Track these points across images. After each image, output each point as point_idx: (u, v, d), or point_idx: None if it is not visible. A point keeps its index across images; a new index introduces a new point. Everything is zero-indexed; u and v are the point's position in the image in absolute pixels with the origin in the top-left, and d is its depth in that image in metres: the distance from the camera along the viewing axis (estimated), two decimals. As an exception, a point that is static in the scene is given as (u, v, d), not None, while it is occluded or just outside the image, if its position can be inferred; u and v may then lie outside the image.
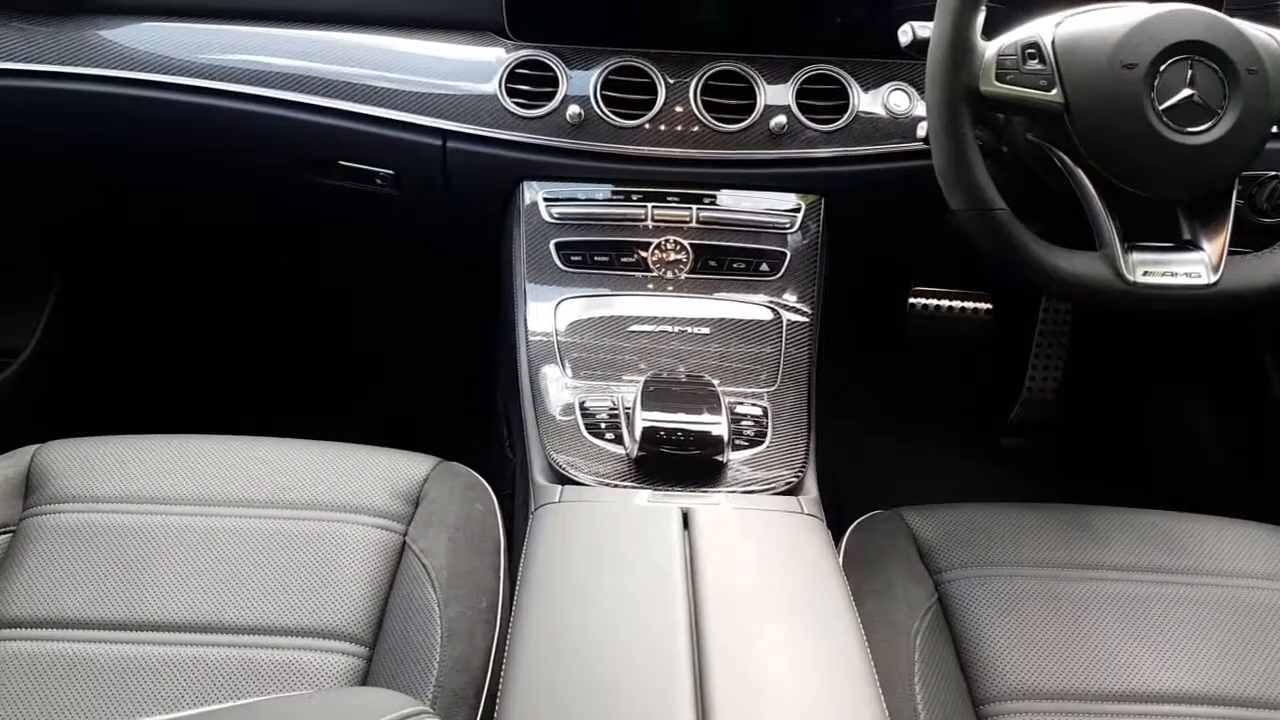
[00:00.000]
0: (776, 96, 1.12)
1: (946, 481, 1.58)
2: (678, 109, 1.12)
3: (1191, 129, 0.87)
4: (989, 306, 1.74)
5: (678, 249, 1.11)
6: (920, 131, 1.11)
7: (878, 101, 1.14)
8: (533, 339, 1.06)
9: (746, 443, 0.95)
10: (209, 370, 1.71)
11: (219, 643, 0.82)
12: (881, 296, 1.76)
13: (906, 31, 0.95)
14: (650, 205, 1.12)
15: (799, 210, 1.13)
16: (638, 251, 1.11)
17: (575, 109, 1.11)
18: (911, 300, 1.74)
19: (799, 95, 1.13)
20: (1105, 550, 0.94)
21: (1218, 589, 0.91)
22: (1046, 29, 0.90)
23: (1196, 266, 0.89)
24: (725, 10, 1.14)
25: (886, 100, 1.14)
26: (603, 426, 0.96)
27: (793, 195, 1.14)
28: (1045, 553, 0.93)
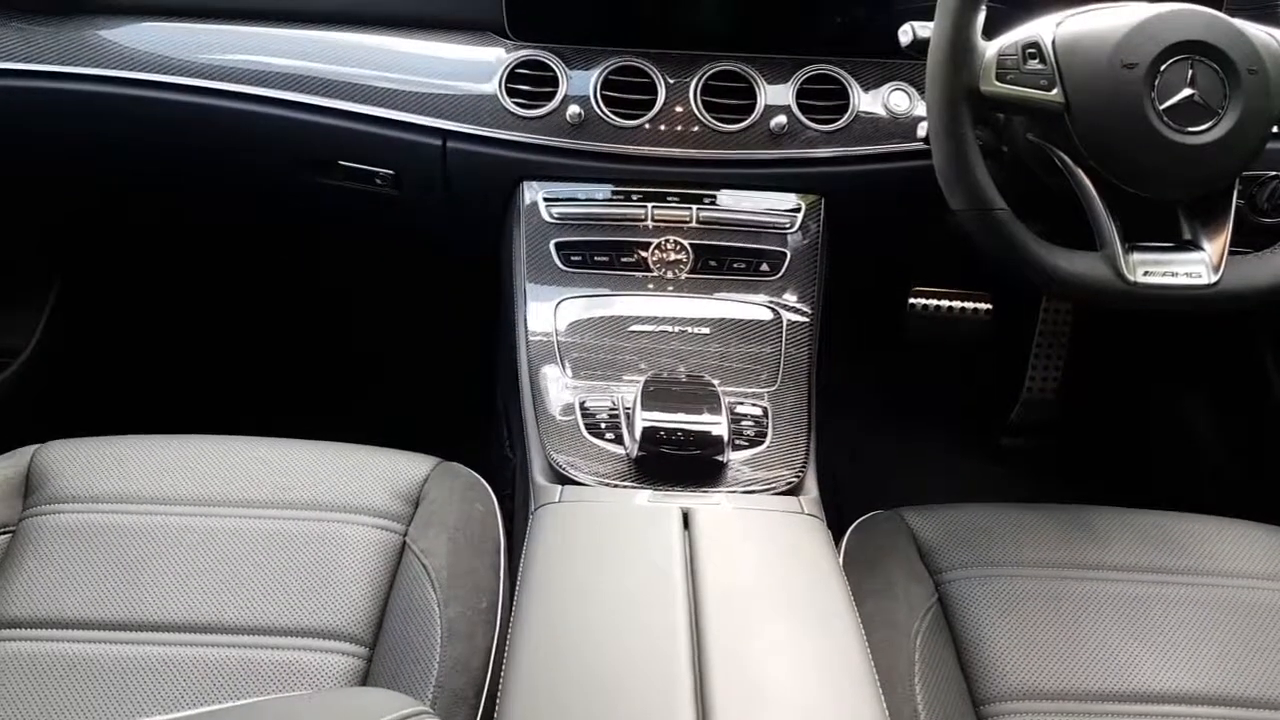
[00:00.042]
0: (776, 96, 1.12)
1: (947, 481, 1.58)
2: (678, 109, 1.12)
3: (1192, 129, 0.87)
4: (989, 307, 1.74)
5: (678, 249, 1.11)
6: (920, 131, 1.11)
7: (878, 101, 1.14)
8: (533, 339, 1.06)
9: (747, 443, 0.95)
10: (209, 370, 1.71)
11: (219, 643, 0.82)
12: (882, 296, 1.76)
13: (907, 31, 0.95)
14: (650, 205, 1.12)
15: (799, 210, 1.13)
16: (638, 251, 1.11)
17: (575, 109, 1.11)
18: (912, 300, 1.74)
19: (799, 95, 1.13)
20: (1105, 550, 0.94)
21: (1218, 589, 0.91)
22: (1047, 29, 0.90)
23: (1197, 266, 0.89)
24: (725, 10, 1.14)
25: (887, 100, 1.14)
26: (603, 426, 0.96)
27: (793, 195, 1.14)
28: (1045, 553, 0.93)
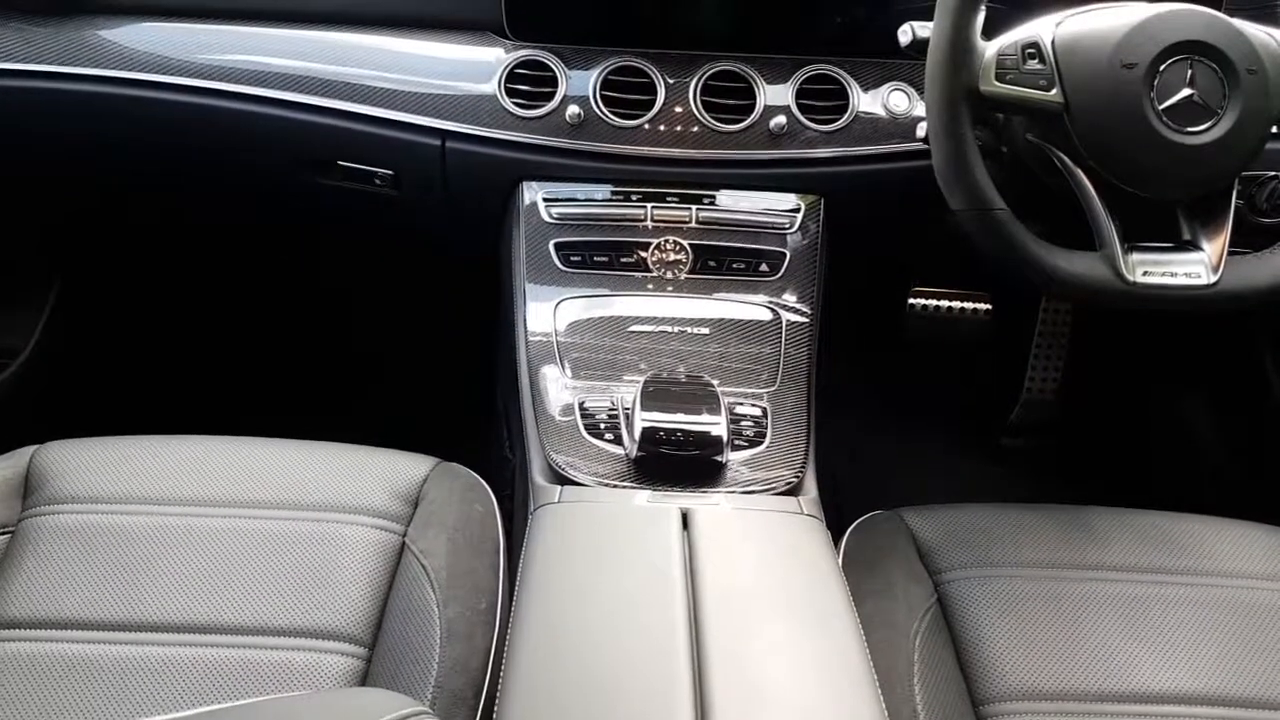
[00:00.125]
0: (776, 96, 1.12)
1: (946, 482, 1.58)
2: (677, 109, 1.12)
3: (1191, 129, 0.87)
4: (989, 307, 1.74)
5: (677, 249, 1.11)
6: (920, 131, 1.11)
7: (877, 102, 1.14)
8: (532, 339, 1.06)
9: (746, 443, 0.95)
10: (209, 370, 1.71)
11: (218, 643, 0.82)
12: (881, 297, 1.76)
13: (906, 31, 0.95)
14: (650, 205, 1.12)
15: (799, 210, 1.13)
16: (637, 252, 1.11)
17: (574, 109, 1.11)
18: (911, 300, 1.74)
19: (799, 95, 1.12)
20: (1105, 551, 0.94)
21: (1217, 589, 0.91)
22: (1046, 29, 0.90)
23: (1196, 267, 0.89)
24: (725, 10, 1.14)
25: (886, 100, 1.14)
26: (602, 427, 0.96)
27: (792, 195, 1.14)
28: (1045, 553, 0.93)
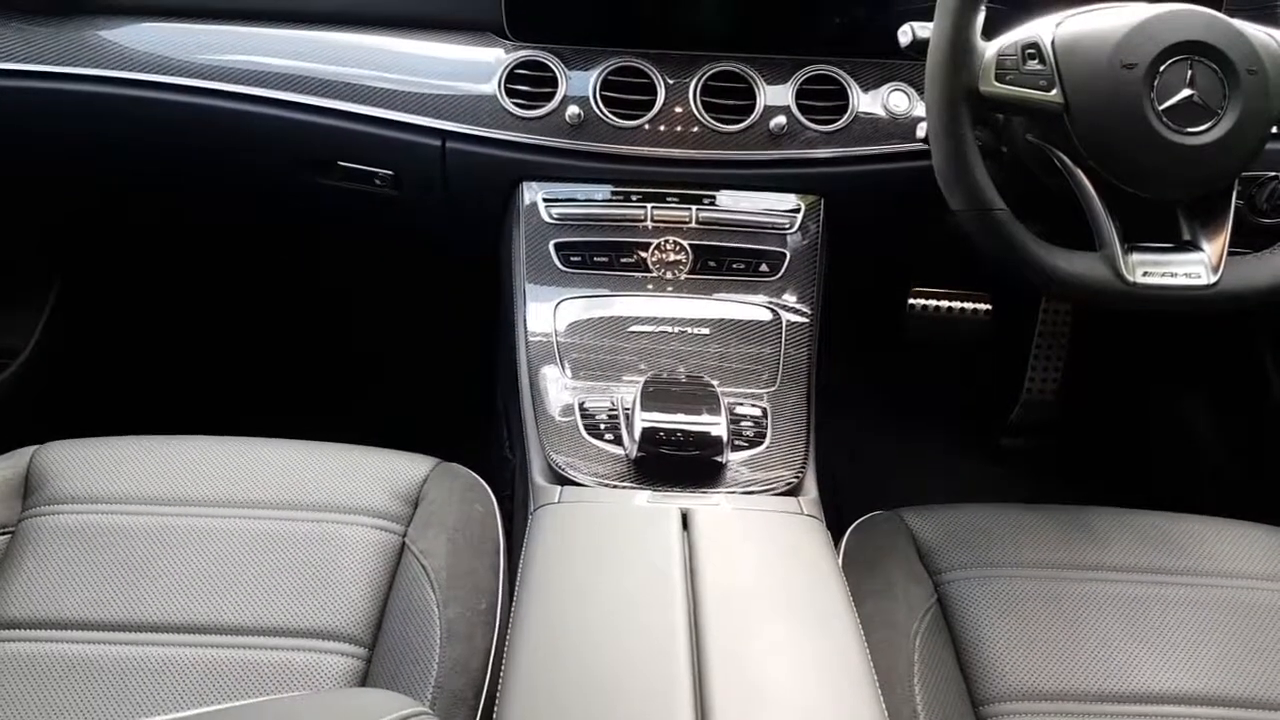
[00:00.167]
0: (776, 97, 1.12)
1: (946, 482, 1.58)
2: (677, 109, 1.12)
3: (1191, 129, 0.87)
4: (989, 307, 1.74)
5: (677, 249, 1.11)
6: (920, 132, 1.11)
7: (877, 102, 1.14)
8: (532, 339, 1.06)
9: (746, 443, 0.95)
10: (209, 370, 1.71)
11: (218, 644, 0.82)
12: (881, 297, 1.76)
13: (906, 32, 0.95)
14: (650, 206, 1.12)
15: (798, 211, 1.13)
16: (637, 252, 1.11)
17: (574, 109, 1.11)
18: (911, 301, 1.74)
19: (799, 96, 1.12)
20: (1105, 551, 0.94)
21: (1217, 590, 0.91)
22: (1046, 29, 0.90)
23: (1196, 267, 0.89)
24: (725, 10, 1.14)
25: (886, 101, 1.14)
26: (602, 427, 0.96)
27: (792, 196, 1.14)
28: (1045, 553, 0.93)
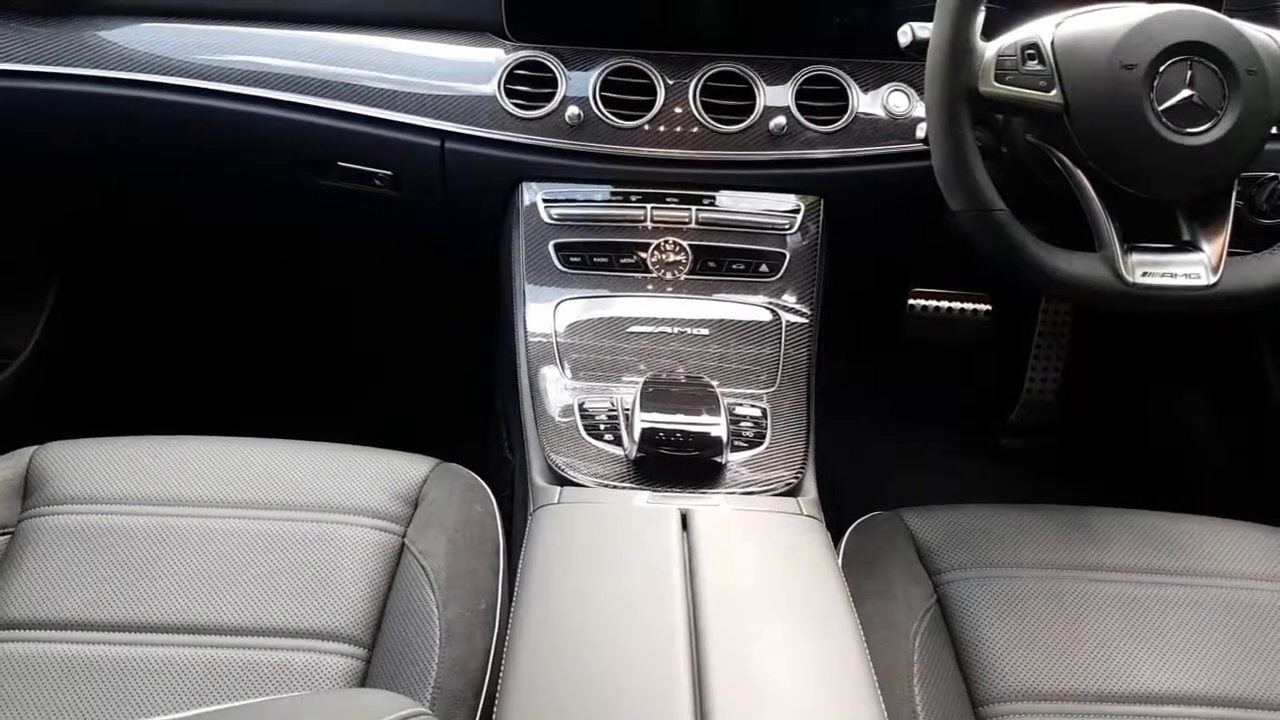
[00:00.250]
0: (776, 97, 1.12)
1: (946, 482, 1.58)
2: (677, 110, 1.12)
3: (1191, 130, 0.87)
4: (988, 308, 1.74)
5: (677, 250, 1.11)
6: (920, 132, 1.11)
7: (877, 102, 1.14)
8: (532, 340, 1.06)
9: (745, 444, 0.95)
10: (209, 371, 1.71)
11: (217, 644, 0.82)
12: (881, 297, 1.76)
13: (906, 32, 0.95)
14: (649, 206, 1.12)
15: (798, 211, 1.13)
16: (637, 253, 1.11)
17: (574, 110, 1.11)
18: (911, 301, 1.74)
19: (798, 96, 1.12)
20: (1104, 551, 0.94)
21: (1217, 590, 0.91)
22: (1046, 29, 0.90)
23: (1196, 268, 0.89)
24: (725, 11, 1.14)
25: (886, 101, 1.14)
26: (602, 428, 0.96)
27: (792, 196, 1.13)
28: (1044, 554, 0.93)
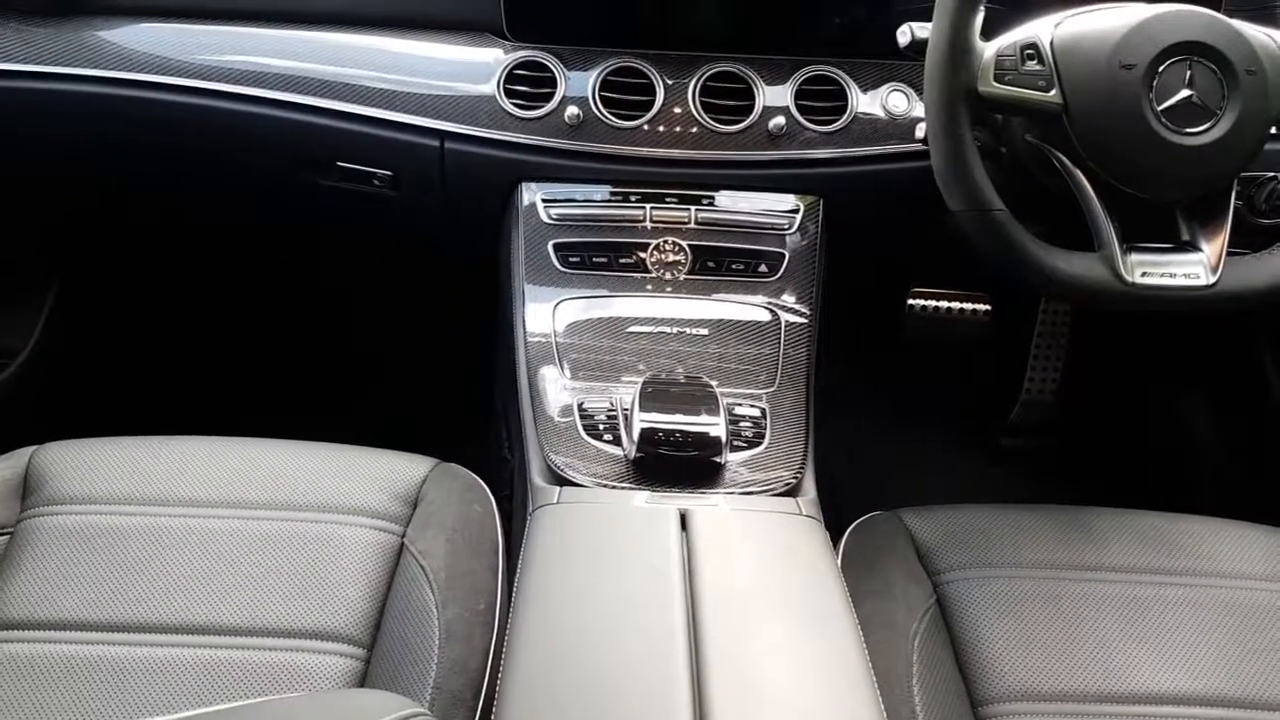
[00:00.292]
0: (775, 97, 1.12)
1: (945, 482, 1.58)
2: (676, 110, 1.12)
3: (1190, 130, 0.87)
4: (988, 307, 1.74)
5: (676, 250, 1.11)
6: (919, 132, 1.11)
7: (876, 102, 1.14)
8: (531, 340, 1.06)
9: (745, 444, 0.95)
10: (208, 371, 1.71)
11: (216, 644, 0.82)
12: (880, 297, 1.76)
13: (905, 32, 0.95)
14: (649, 206, 1.12)
15: (797, 211, 1.13)
16: (636, 253, 1.11)
17: (574, 110, 1.11)
18: (910, 301, 1.74)
19: (798, 96, 1.12)
20: (1104, 551, 0.94)
21: (1216, 590, 0.91)
22: (1045, 30, 0.90)
23: (1195, 267, 0.89)
24: (724, 11, 1.14)
25: (885, 101, 1.14)
26: (601, 428, 0.96)
27: (791, 196, 1.13)
28: (1044, 554, 0.93)
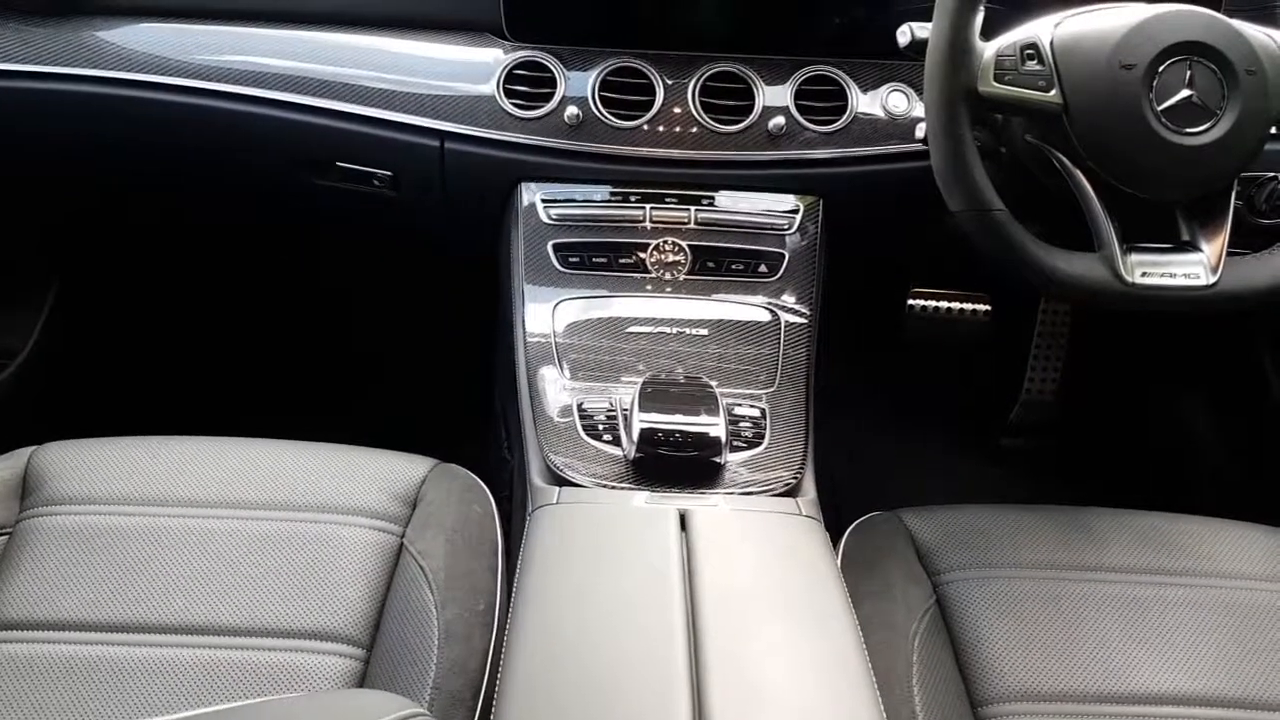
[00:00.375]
0: (775, 97, 1.12)
1: (945, 482, 1.58)
2: (676, 110, 1.12)
3: (1190, 130, 0.87)
4: (988, 308, 1.74)
5: (676, 250, 1.11)
6: (919, 132, 1.11)
7: (876, 102, 1.14)
8: (531, 340, 1.06)
9: (744, 444, 0.95)
10: (208, 371, 1.71)
11: (216, 644, 0.82)
12: (880, 297, 1.76)
13: (905, 32, 0.95)
14: (648, 206, 1.12)
15: (797, 211, 1.13)
16: (636, 253, 1.11)
17: (573, 110, 1.11)
18: (910, 301, 1.74)
19: (797, 96, 1.12)
20: (1104, 552, 0.94)
21: (1216, 590, 0.91)
22: (1045, 29, 0.90)
23: (1195, 268, 0.89)
24: (724, 11, 1.14)
25: (885, 101, 1.14)
26: (600, 428, 0.96)
27: (791, 196, 1.13)
28: (1044, 554, 0.93)
